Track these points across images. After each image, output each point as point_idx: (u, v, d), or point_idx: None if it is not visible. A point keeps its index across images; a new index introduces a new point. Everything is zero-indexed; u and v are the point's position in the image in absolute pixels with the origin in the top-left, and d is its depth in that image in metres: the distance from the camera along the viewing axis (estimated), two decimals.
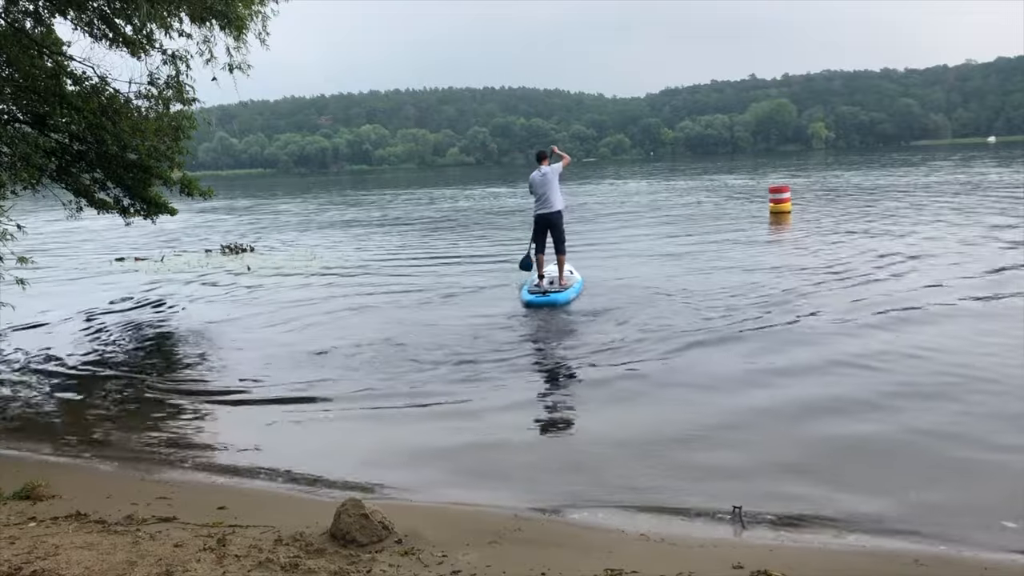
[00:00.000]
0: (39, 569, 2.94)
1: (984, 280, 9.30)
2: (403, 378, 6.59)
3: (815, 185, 31.35)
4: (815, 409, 5.36)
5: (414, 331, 8.26)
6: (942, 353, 6.40)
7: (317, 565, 3.05)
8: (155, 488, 4.37)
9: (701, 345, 7.11)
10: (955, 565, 3.26)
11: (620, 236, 16.64)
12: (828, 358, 6.49)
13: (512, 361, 6.94)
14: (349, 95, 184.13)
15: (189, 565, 3.01)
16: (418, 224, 22.90)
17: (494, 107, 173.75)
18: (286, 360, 7.46)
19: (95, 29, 7.87)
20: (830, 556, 3.39)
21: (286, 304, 10.38)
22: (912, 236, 13.60)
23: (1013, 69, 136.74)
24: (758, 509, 3.88)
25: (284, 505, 4.14)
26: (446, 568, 3.13)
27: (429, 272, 12.73)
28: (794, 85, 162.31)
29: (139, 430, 5.70)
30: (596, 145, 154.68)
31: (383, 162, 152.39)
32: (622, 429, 5.17)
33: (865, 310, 8.07)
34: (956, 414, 5.09)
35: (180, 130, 9.00)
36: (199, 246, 18.54)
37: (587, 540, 3.59)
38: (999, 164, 39.41)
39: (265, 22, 8.12)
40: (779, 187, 19.72)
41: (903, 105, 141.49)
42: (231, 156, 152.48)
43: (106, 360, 7.95)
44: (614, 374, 6.42)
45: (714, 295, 9.32)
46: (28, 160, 7.03)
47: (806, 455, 4.60)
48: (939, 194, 22.84)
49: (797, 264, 11.39)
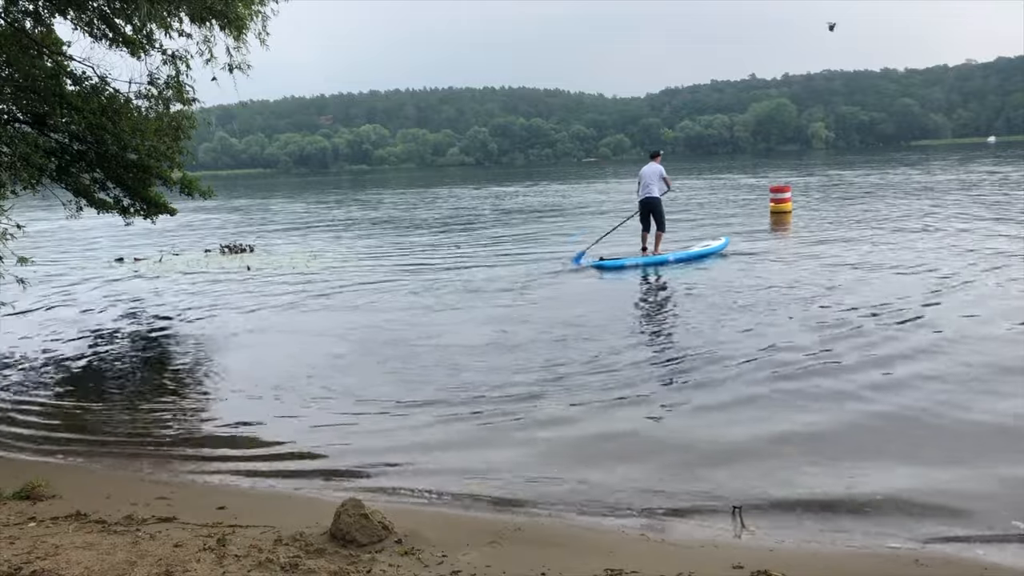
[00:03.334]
0: (39, 569, 2.94)
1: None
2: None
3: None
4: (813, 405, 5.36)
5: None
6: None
7: (317, 565, 3.05)
8: (155, 488, 4.37)
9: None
10: (955, 565, 3.25)
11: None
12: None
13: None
14: (349, 95, 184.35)
15: (189, 565, 3.01)
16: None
17: (494, 107, 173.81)
18: (281, 357, 7.46)
19: (95, 29, 7.87)
20: (830, 556, 3.39)
21: (281, 303, 10.39)
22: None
23: (1013, 69, 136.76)
24: (758, 509, 3.89)
25: (284, 505, 4.14)
26: (446, 568, 3.13)
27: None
28: (794, 85, 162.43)
29: (139, 430, 5.70)
30: (596, 145, 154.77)
31: (383, 162, 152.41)
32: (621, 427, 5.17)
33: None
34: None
35: (180, 130, 8.99)
36: (198, 246, 18.54)
37: (587, 540, 3.59)
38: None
39: (265, 22, 8.12)
40: (780, 187, 19.69)
41: (903, 105, 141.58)
42: (231, 156, 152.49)
43: (105, 360, 7.94)
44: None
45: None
46: (28, 160, 7.02)
47: (807, 455, 4.60)
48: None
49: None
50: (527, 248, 15.34)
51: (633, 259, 12.47)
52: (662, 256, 12.51)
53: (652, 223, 12.88)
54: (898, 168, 42.10)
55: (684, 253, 12.64)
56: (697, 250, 12.76)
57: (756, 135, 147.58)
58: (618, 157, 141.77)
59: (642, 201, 12.95)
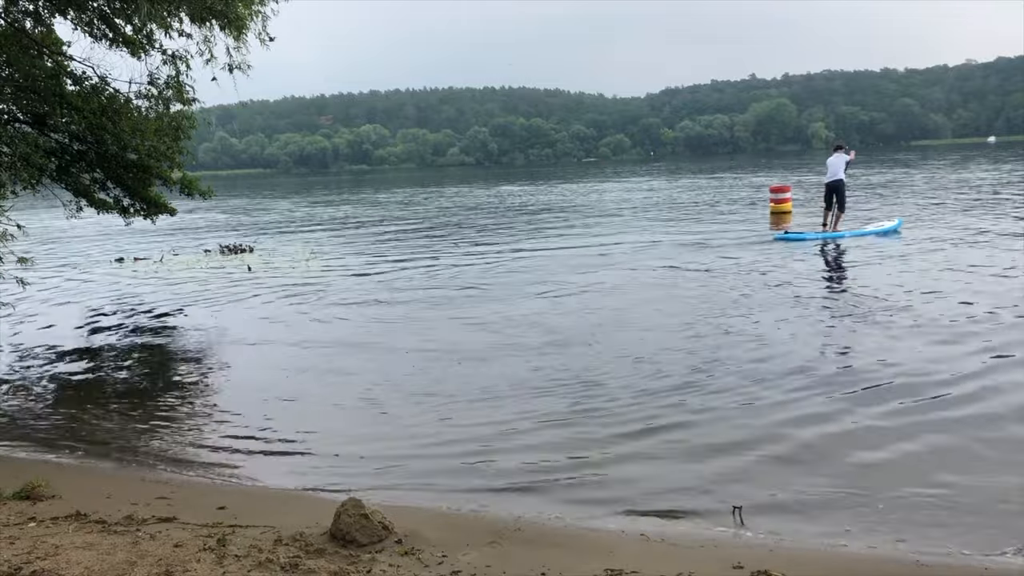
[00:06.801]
0: (39, 569, 2.94)
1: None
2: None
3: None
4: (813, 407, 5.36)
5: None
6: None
7: (317, 565, 3.05)
8: (155, 488, 4.37)
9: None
10: (955, 566, 3.25)
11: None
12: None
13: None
14: (349, 95, 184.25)
15: (189, 565, 3.01)
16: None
17: (494, 107, 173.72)
18: (281, 357, 7.46)
19: (95, 29, 7.87)
20: (830, 556, 3.39)
21: (281, 304, 10.39)
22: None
23: (1013, 69, 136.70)
24: (758, 509, 3.89)
25: (284, 505, 4.14)
26: (446, 568, 3.13)
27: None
28: (794, 85, 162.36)
29: (139, 430, 5.70)
30: (596, 145, 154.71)
31: (383, 162, 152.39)
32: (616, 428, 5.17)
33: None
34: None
35: (180, 130, 9.00)
36: (199, 246, 18.54)
37: (587, 540, 3.58)
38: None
39: (265, 22, 8.11)
40: (780, 187, 19.77)
41: (903, 105, 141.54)
42: (231, 156, 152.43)
43: (105, 361, 7.95)
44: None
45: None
46: (28, 160, 7.03)
47: (807, 455, 4.60)
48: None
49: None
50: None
51: (813, 234, 14.40)
52: (839, 233, 14.37)
53: (834, 203, 14.78)
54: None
55: (859, 231, 14.48)
56: (872, 229, 14.57)
57: (756, 135, 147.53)
58: (618, 157, 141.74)
59: (828, 184, 14.90)
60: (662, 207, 24.61)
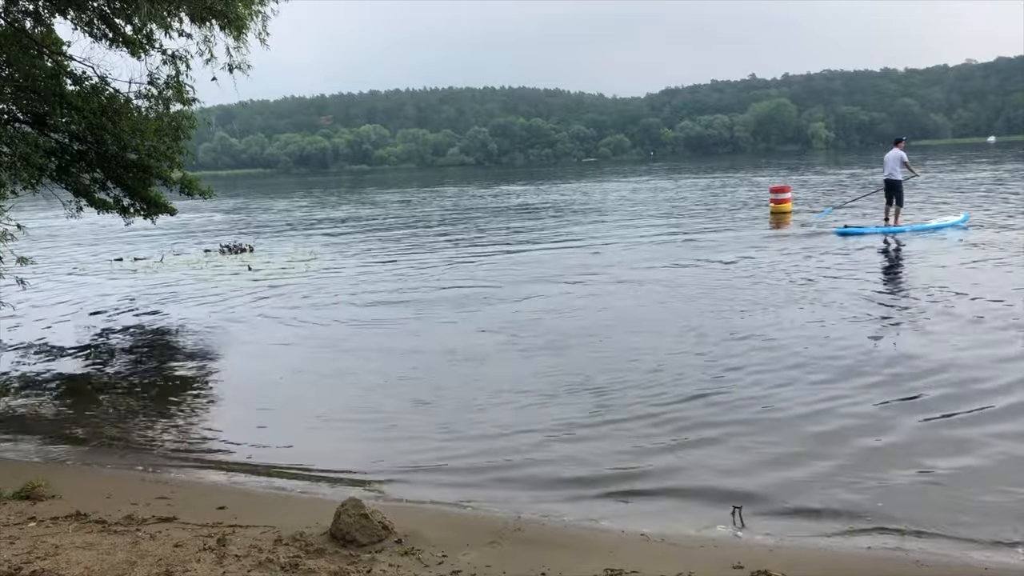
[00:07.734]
0: (39, 569, 2.94)
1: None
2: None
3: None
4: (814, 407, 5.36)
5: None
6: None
7: (317, 565, 3.05)
8: (155, 488, 4.37)
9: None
10: (955, 566, 3.25)
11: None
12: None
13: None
14: (349, 95, 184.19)
15: (189, 565, 3.01)
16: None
17: (494, 107, 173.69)
18: (281, 357, 7.45)
19: (95, 29, 7.88)
20: (830, 556, 3.39)
21: (281, 304, 10.39)
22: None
23: (1013, 69, 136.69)
24: (758, 509, 3.89)
25: (284, 505, 4.14)
26: (446, 568, 3.13)
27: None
28: (794, 85, 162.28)
29: (139, 430, 5.70)
30: (596, 145, 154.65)
31: (383, 162, 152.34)
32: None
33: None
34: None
35: (180, 130, 9.00)
36: (199, 246, 18.54)
37: (587, 540, 3.58)
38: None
39: (265, 22, 8.13)
40: (780, 187, 19.78)
41: (903, 105, 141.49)
42: (231, 156, 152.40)
43: (105, 361, 7.95)
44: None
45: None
46: (28, 160, 7.03)
47: (807, 454, 4.60)
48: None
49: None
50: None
51: (873, 228, 14.78)
52: (900, 227, 14.64)
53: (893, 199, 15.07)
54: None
55: (920, 226, 14.66)
56: (934, 223, 14.69)
57: (756, 135, 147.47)
58: (618, 157, 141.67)
59: (885, 180, 15.31)
60: (661, 203, 24.62)
